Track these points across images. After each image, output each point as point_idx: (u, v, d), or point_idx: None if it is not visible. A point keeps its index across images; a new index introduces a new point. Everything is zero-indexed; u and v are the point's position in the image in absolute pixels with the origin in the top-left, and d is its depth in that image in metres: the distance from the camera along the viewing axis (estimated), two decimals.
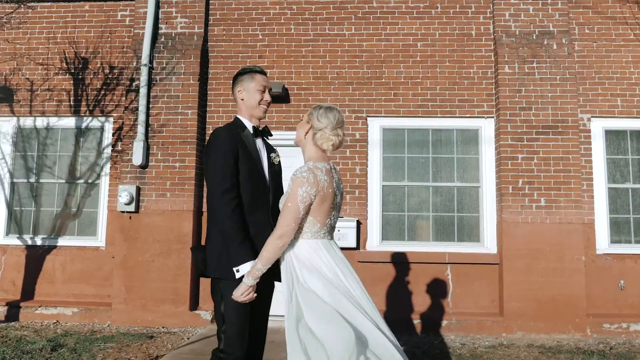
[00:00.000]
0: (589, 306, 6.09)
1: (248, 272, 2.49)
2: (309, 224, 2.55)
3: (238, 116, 2.89)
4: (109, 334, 5.82)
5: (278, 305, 2.63)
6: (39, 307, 6.44)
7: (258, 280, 2.49)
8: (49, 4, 7.13)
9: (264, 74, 2.90)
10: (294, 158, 6.67)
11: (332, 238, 2.66)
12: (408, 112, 6.65)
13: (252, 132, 2.82)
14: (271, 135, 2.92)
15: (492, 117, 6.58)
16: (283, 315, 2.46)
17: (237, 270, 2.52)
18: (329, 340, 2.28)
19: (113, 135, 6.88)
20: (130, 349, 5.17)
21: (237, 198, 2.59)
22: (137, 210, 6.41)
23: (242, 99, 2.84)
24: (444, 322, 6.07)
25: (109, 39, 7.01)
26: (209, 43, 6.88)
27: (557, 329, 5.94)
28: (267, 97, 2.86)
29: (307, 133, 2.66)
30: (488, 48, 6.67)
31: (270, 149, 2.90)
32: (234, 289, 2.52)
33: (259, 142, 2.85)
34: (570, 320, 5.95)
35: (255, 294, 2.52)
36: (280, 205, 2.61)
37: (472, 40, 6.70)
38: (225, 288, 2.57)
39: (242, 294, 2.48)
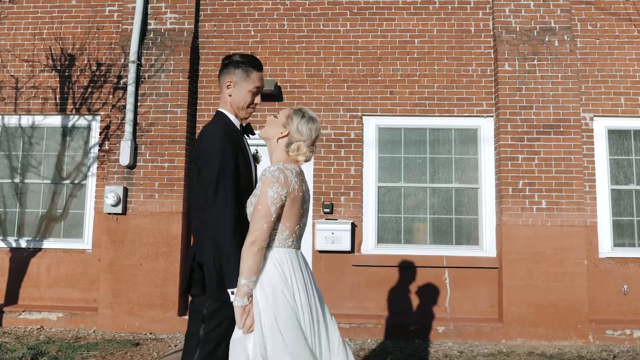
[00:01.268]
0: (591, 312, 5.89)
1: (235, 293, 2.26)
2: (277, 231, 2.35)
3: (224, 112, 2.59)
4: (94, 340, 5.61)
5: None
6: (23, 311, 6.22)
7: (250, 297, 2.26)
8: None
9: (261, 69, 2.61)
10: None
11: (299, 248, 2.46)
12: (405, 111, 6.44)
13: (240, 130, 2.60)
14: (254, 134, 2.69)
15: (492, 116, 6.38)
16: None
17: (232, 292, 2.28)
18: None
19: (100, 135, 6.67)
20: (114, 358, 4.96)
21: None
22: (124, 212, 6.20)
23: (230, 95, 2.55)
24: (441, 328, 5.86)
25: (97, 35, 6.79)
26: (199, 39, 6.66)
27: (559, 335, 5.74)
28: (258, 100, 2.59)
29: (280, 138, 2.45)
30: (487, 45, 6.47)
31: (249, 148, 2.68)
32: (224, 311, 2.30)
33: (245, 142, 2.62)
34: (572, 326, 5.74)
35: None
36: (249, 210, 2.38)
37: (471, 37, 6.49)
38: (212, 308, 2.33)
39: (241, 318, 2.24)
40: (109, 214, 6.21)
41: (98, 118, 6.72)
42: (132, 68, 6.36)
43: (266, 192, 2.28)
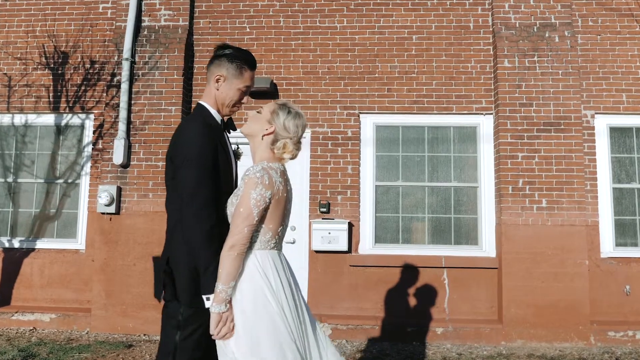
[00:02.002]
0: (592, 313, 5.78)
1: (212, 299, 2.14)
2: (260, 233, 2.23)
3: (205, 105, 2.45)
4: (86, 342, 5.52)
5: None
6: (16, 312, 6.14)
7: (227, 303, 2.14)
8: None
9: (255, 68, 2.48)
10: None
11: (282, 249, 2.35)
12: (402, 109, 6.33)
13: (221, 126, 2.47)
14: (235, 129, 2.57)
15: (491, 113, 6.27)
16: None
17: (208, 299, 2.15)
18: None
19: (94, 133, 6.57)
20: None
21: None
22: (117, 212, 6.10)
23: (218, 89, 2.42)
24: (440, 330, 5.76)
25: (90, 33, 6.70)
26: (194, 36, 6.57)
27: (560, 337, 5.63)
28: (245, 100, 2.48)
29: (265, 135, 2.33)
30: (487, 41, 6.36)
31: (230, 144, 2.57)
32: (200, 317, 2.19)
33: (226, 138, 2.51)
34: (573, 327, 5.63)
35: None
36: (229, 210, 2.26)
37: (470, 33, 6.38)
38: (187, 314, 2.21)
39: (217, 326, 2.11)
40: (103, 213, 6.12)
41: (92, 116, 6.63)
42: (125, 66, 6.27)
43: (249, 194, 2.16)
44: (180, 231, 2.24)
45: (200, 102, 2.48)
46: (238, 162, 2.55)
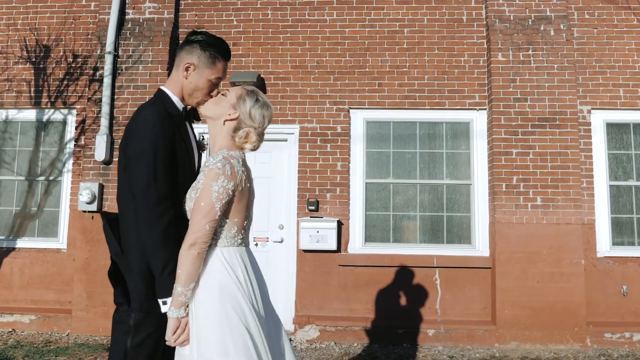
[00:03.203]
0: (589, 314, 5.60)
1: (170, 302, 1.96)
2: (224, 228, 2.05)
3: (167, 92, 2.25)
4: (65, 345, 5.33)
5: None
6: None
7: (186, 307, 1.96)
8: None
9: (229, 58, 2.30)
10: (270, 153, 6.20)
11: (249, 244, 2.17)
12: (394, 104, 6.15)
13: (183, 115, 2.28)
14: (199, 120, 2.38)
15: (485, 109, 6.10)
16: None
17: (165, 303, 1.98)
18: None
19: (76, 129, 6.38)
20: None
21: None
22: (99, 210, 5.91)
23: (187, 78, 2.22)
24: (431, 332, 5.58)
25: (73, 26, 6.51)
26: (179, 29, 6.38)
27: (555, 339, 5.46)
28: (214, 93, 2.27)
29: (228, 121, 2.14)
30: (480, 34, 6.18)
31: (194, 135, 2.38)
32: (153, 322, 2.02)
33: (188, 128, 2.32)
34: (568, 329, 5.46)
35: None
36: (188, 206, 2.07)
37: (463, 26, 6.20)
38: (139, 319, 2.04)
39: (174, 331, 1.94)
40: (84, 211, 5.93)
41: (74, 112, 6.43)
42: (108, 59, 6.09)
43: (210, 187, 1.97)
44: (133, 229, 2.05)
45: (162, 87, 2.28)
46: (202, 153, 2.37)
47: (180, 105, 2.26)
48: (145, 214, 2.00)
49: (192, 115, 2.34)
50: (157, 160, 2.03)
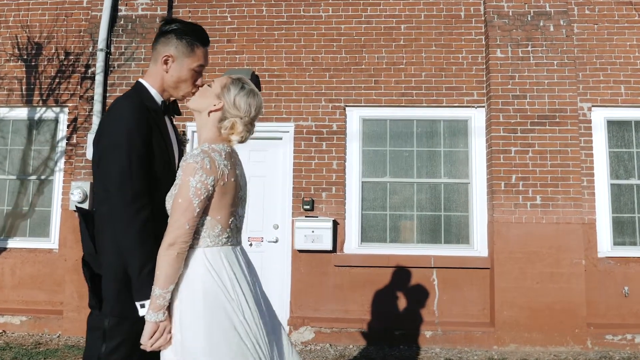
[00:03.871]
0: (589, 315, 5.49)
1: (148, 306, 1.86)
2: (206, 226, 1.93)
3: (145, 83, 2.14)
4: (55, 346, 5.23)
5: None
6: None
7: (165, 311, 1.86)
8: None
9: (208, 44, 2.19)
10: (265, 151, 6.10)
11: (238, 243, 2.06)
12: (390, 102, 6.05)
13: (161, 108, 2.17)
14: (180, 114, 2.27)
15: (483, 106, 5.99)
16: None
17: (142, 306, 1.89)
18: None
19: (68, 127, 6.29)
20: None
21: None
22: (91, 209, 5.80)
23: (167, 72, 2.12)
24: (429, 333, 5.47)
25: (65, 23, 6.41)
26: None
27: (555, 340, 5.34)
28: (200, 82, 2.16)
29: (212, 112, 2.03)
30: (478, 31, 6.07)
31: (175, 130, 2.27)
32: (128, 326, 1.92)
33: (167, 123, 2.21)
34: (569, 331, 5.34)
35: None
36: (169, 205, 1.96)
37: (461, 22, 6.10)
38: (113, 323, 1.94)
39: (151, 336, 1.84)
40: (75, 211, 5.83)
41: (66, 110, 6.34)
42: (100, 56, 5.99)
43: (187, 182, 1.87)
44: (108, 229, 1.94)
45: (141, 80, 2.18)
46: (184, 149, 2.26)
47: (159, 98, 2.16)
48: (121, 213, 1.90)
49: (172, 109, 2.23)
50: (132, 156, 1.93)
